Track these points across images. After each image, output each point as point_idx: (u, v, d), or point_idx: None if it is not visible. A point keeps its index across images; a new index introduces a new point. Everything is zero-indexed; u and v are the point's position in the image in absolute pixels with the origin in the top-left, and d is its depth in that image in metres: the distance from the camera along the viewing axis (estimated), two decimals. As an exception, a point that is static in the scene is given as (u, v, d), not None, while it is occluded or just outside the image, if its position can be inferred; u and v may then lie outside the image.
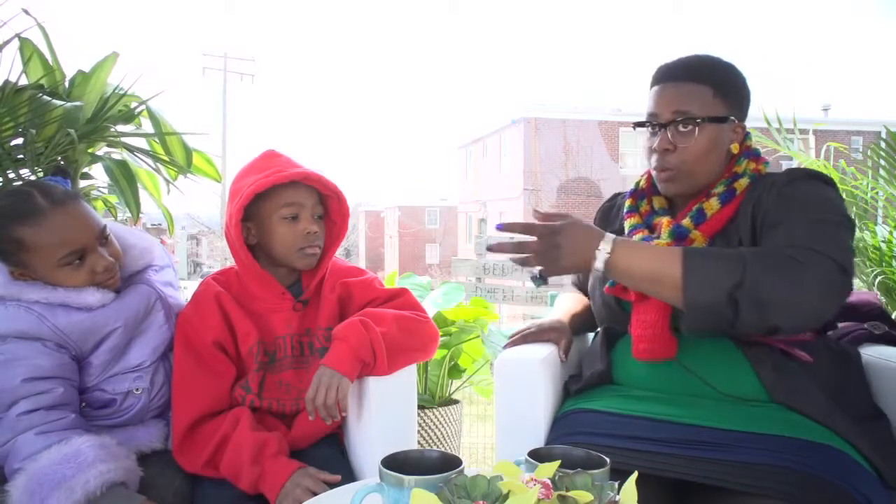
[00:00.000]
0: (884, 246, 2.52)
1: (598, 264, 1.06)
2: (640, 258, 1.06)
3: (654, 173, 1.27)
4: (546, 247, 1.07)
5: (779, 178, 1.18)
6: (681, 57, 1.25)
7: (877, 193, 2.72)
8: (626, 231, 1.30)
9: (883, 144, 2.56)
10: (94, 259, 1.26)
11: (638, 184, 1.37)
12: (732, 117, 1.22)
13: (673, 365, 1.17)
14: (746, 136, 1.27)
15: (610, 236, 1.07)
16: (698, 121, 1.19)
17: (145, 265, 1.41)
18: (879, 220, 2.76)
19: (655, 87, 1.24)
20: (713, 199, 1.20)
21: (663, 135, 1.21)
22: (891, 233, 2.50)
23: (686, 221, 1.21)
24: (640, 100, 1.37)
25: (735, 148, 1.24)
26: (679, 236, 1.19)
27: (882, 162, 2.59)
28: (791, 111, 3.12)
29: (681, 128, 1.19)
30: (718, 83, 1.21)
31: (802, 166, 1.21)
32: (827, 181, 1.17)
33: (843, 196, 2.64)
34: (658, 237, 1.22)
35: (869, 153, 2.71)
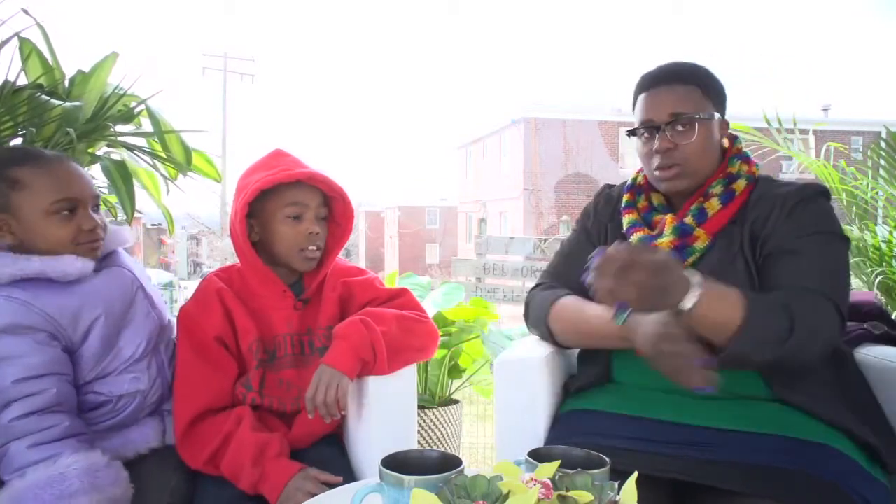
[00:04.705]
0: (884, 246, 2.52)
1: (688, 304, 1.00)
2: (718, 304, 1.03)
3: (656, 174, 1.27)
4: (651, 280, 0.96)
5: (787, 197, 1.19)
6: (661, 65, 1.29)
7: (877, 193, 2.72)
8: (625, 227, 1.32)
9: (883, 144, 2.56)
10: (83, 215, 1.25)
11: (635, 179, 1.38)
12: (718, 114, 1.26)
13: None
14: (735, 139, 1.31)
15: (697, 278, 1.01)
16: (698, 116, 1.22)
17: (117, 246, 1.40)
18: (879, 220, 2.76)
19: (645, 94, 1.27)
20: (713, 199, 1.23)
21: (663, 136, 1.23)
22: (891, 233, 2.50)
23: (688, 220, 1.23)
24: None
25: (725, 142, 1.28)
26: (683, 233, 1.22)
27: (882, 162, 2.60)
28: (791, 111, 3.12)
29: (679, 128, 1.22)
30: (703, 83, 1.26)
31: (805, 182, 1.24)
32: (826, 194, 1.22)
33: (844, 197, 2.67)
34: (660, 235, 1.24)
35: (869, 153, 2.71)
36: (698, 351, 1.02)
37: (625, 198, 1.36)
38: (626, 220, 1.32)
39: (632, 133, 1.30)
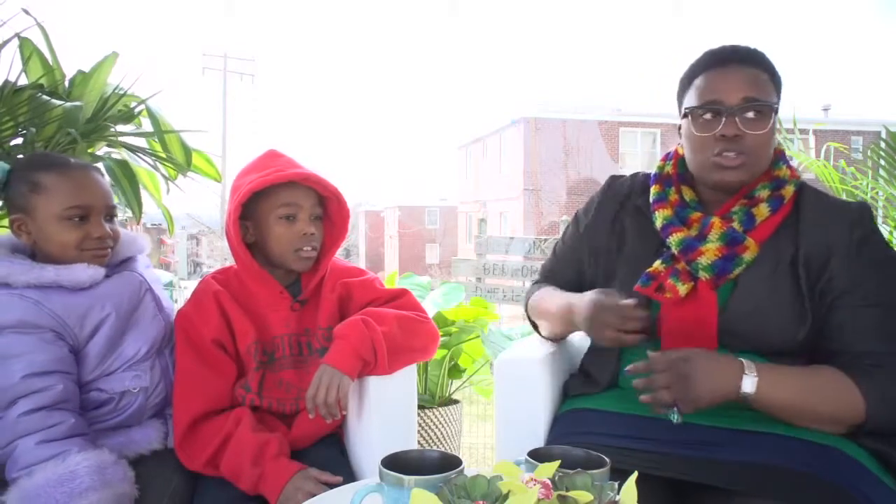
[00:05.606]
0: (884, 246, 2.51)
1: (748, 389, 1.00)
2: (791, 383, 1.02)
3: (714, 160, 1.14)
4: (674, 378, 1.02)
5: (849, 228, 1.11)
6: (725, 45, 1.18)
7: (877, 193, 2.72)
8: (659, 225, 1.21)
9: (883, 144, 2.56)
10: (94, 223, 1.29)
11: (662, 168, 1.28)
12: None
13: None
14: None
15: (749, 362, 1.02)
16: (773, 104, 1.13)
17: (134, 253, 1.43)
18: (879, 220, 2.76)
19: (711, 72, 1.15)
20: (761, 204, 1.15)
21: (731, 120, 1.12)
22: (891, 233, 2.50)
23: (736, 225, 1.15)
24: (641, 100, 1.36)
25: (777, 142, 1.20)
26: (732, 241, 1.13)
27: (882, 162, 2.59)
28: (791, 111, 3.12)
29: (750, 114, 1.12)
30: (771, 71, 1.16)
31: (858, 206, 1.15)
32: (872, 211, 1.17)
33: (844, 197, 2.67)
34: (703, 239, 1.15)
35: (869, 153, 2.71)
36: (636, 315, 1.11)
37: (654, 189, 1.25)
38: (661, 216, 1.21)
39: (687, 114, 1.17)
